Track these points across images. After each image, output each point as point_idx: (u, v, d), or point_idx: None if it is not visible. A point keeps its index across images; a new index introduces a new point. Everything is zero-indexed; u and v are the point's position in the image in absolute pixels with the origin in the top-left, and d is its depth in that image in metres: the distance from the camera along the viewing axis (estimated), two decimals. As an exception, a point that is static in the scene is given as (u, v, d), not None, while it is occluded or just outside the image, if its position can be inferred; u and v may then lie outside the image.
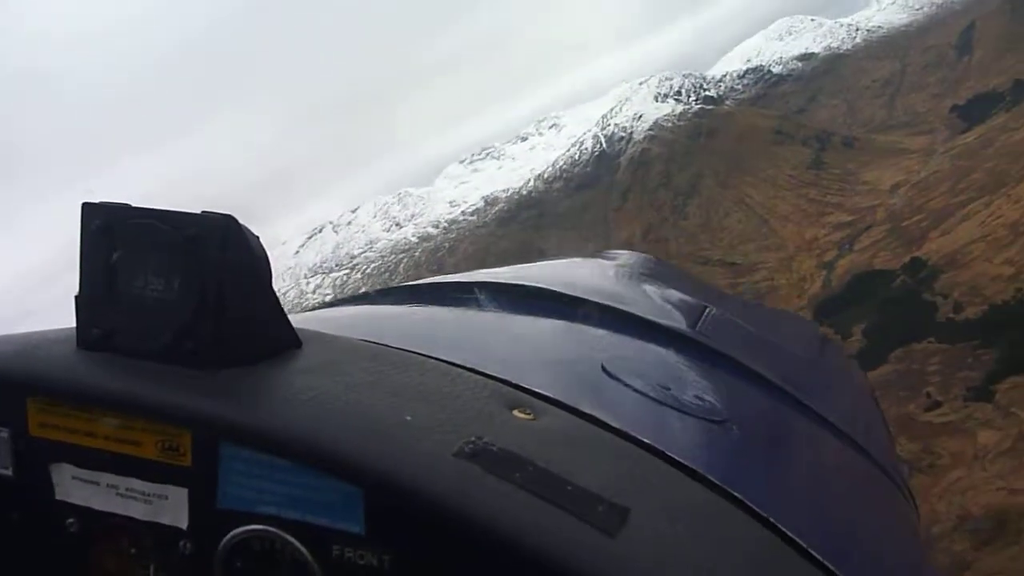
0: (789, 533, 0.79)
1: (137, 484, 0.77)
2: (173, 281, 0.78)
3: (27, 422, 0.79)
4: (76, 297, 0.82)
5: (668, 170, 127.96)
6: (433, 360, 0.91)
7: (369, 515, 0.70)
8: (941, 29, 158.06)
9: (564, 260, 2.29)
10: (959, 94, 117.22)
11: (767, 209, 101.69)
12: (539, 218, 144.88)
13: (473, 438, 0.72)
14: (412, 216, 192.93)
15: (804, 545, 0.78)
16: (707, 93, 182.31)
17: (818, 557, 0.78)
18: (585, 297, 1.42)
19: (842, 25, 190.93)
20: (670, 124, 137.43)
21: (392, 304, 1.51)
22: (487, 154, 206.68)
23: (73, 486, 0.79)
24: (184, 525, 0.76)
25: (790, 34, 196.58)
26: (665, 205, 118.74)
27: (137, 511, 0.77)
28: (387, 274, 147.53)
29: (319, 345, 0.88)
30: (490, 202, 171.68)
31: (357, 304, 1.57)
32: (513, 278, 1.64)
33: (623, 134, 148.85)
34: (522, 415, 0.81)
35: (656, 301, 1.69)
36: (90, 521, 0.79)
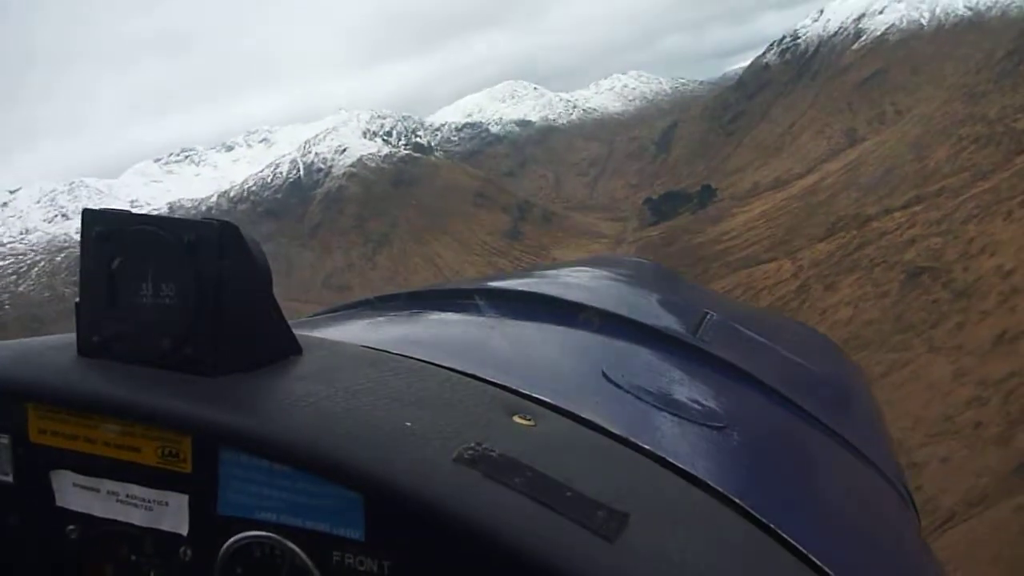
0: (790, 539, 0.79)
1: (137, 490, 0.77)
2: (173, 288, 0.79)
3: (27, 428, 0.79)
4: (76, 304, 0.83)
5: (363, 213, 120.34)
6: (433, 366, 0.91)
7: (369, 521, 0.70)
8: (648, 123, 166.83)
9: (564, 266, 2.27)
10: (654, 188, 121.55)
11: (456, 273, 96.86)
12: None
13: (473, 444, 0.72)
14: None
15: (805, 551, 0.79)
16: (418, 140, 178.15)
17: (819, 563, 0.78)
18: (585, 303, 1.41)
19: (561, 99, 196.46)
20: (374, 164, 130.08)
21: (393, 311, 1.51)
22: (187, 156, 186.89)
23: (73, 493, 0.79)
24: (184, 531, 0.76)
25: (512, 97, 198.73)
26: (355, 250, 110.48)
27: (137, 517, 0.78)
28: (15, 276, 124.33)
29: (319, 351, 0.89)
30: (173, 210, 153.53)
31: (358, 310, 1.57)
32: (513, 284, 1.66)
33: (323, 165, 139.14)
34: (522, 421, 0.82)
35: (657, 307, 1.70)
36: (90, 528, 0.79)
